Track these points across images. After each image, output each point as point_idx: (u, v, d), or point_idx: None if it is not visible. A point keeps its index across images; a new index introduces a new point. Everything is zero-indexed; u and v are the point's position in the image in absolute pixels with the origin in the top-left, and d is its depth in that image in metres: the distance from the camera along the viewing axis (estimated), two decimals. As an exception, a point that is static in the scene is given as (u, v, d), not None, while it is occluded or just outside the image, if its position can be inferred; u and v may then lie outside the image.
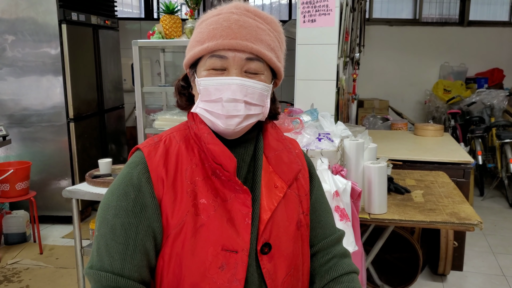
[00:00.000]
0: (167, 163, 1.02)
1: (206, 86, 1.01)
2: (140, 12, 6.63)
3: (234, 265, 0.99)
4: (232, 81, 0.99)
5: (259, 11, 1.05)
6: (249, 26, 1.01)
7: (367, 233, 2.62)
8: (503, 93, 5.64)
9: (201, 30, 1.04)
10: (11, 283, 3.19)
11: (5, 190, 3.64)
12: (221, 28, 0.99)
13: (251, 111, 1.02)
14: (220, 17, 1.01)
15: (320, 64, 2.82)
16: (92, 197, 2.49)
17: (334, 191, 1.87)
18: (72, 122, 4.17)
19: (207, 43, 1.00)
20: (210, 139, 1.03)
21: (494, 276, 3.29)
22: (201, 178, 1.02)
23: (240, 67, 1.00)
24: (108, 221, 0.99)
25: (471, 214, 2.06)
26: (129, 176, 1.01)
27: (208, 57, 1.01)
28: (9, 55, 4.06)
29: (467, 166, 3.02)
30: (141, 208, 0.98)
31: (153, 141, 1.06)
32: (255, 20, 1.02)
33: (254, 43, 1.00)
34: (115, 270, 0.96)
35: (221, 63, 1.00)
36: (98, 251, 0.99)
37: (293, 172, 1.12)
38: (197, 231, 0.98)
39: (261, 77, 1.03)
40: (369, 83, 6.34)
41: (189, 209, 0.99)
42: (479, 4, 6.46)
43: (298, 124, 2.26)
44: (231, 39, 0.99)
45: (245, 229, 1.01)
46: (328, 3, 2.73)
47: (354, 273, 1.17)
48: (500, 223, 4.30)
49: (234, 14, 1.01)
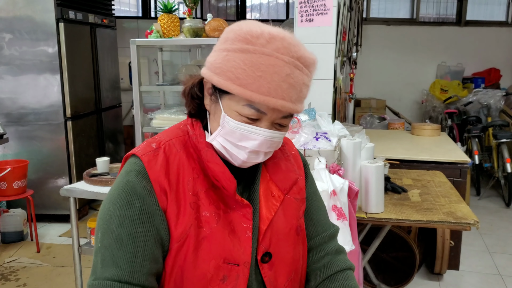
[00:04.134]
0: (169, 174, 0.98)
1: (234, 129, 0.96)
2: (137, 11, 6.62)
3: (236, 277, 0.98)
4: (262, 132, 0.95)
5: (307, 57, 0.95)
6: (297, 85, 0.93)
7: (364, 232, 2.62)
8: (499, 93, 5.66)
9: (244, 66, 0.91)
10: (8, 282, 3.19)
11: (2, 188, 3.63)
12: (271, 82, 0.90)
13: (266, 158, 1.02)
14: (272, 63, 0.90)
15: (317, 64, 2.81)
16: (89, 196, 2.49)
17: (331, 190, 1.88)
18: (69, 121, 4.17)
19: (251, 92, 0.90)
20: (210, 157, 1.00)
21: (490, 276, 3.30)
22: (203, 190, 0.99)
23: (273, 121, 0.96)
24: (113, 232, 0.94)
25: (467, 214, 2.07)
26: (131, 185, 0.96)
27: (245, 104, 0.93)
28: (7, 53, 4.05)
29: (464, 165, 3.03)
30: (148, 216, 0.95)
31: (151, 148, 1.01)
32: (303, 73, 0.94)
33: (296, 104, 0.94)
34: (122, 279, 0.92)
35: (257, 115, 0.94)
36: (103, 262, 0.94)
37: (290, 181, 1.11)
38: (199, 243, 0.97)
39: (286, 128, 1.00)
40: (366, 83, 6.35)
41: (192, 222, 0.97)
42: (476, 4, 6.48)
43: (296, 124, 2.26)
44: (279, 99, 0.91)
45: (247, 242, 1.00)
46: (325, 3, 2.73)
47: (349, 269, 1.15)
48: (496, 222, 4.32)
49: (287, 65, 0.91)
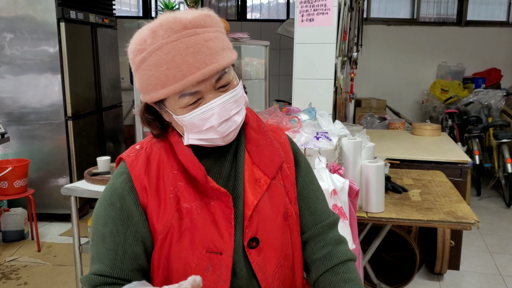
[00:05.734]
0: (149, 171, 1.03)
1: (191, 121, 0.98)
2: (138, 11, 6.63)
3: (219, 267, 1.00)
4: (214, 105, 0.96)
5: (193, 18, 0.93)
6: (200, 47, 0.91)
7: (364, 231, 2.63)
8: (500, 93, 5.66)
9: (151, 73, 0.93)
10: (9, 280, 3.19)
11: (3, 187, 3.64)
12: (176, 65, 0.91)
13: (240, 117, 1.02)
14: (164, 51, 0.91)
15: (318, 63, 2.83)
16: (90, 195, 2.50)
17: (332, 190, 1.88)
18: (70, 120, 4.17)
19: (172, 86, 0.92)
20: (179, 149, 1.04)
21: (490, 276, 3.30)
22: (183, 183, 1.03)
23: (213, 88, 0.96)
24: (99, 230, 1.03)
25: (468, 213, 2.08)
26: (114, 186, 1.04)
27: (179, 97, 0.95)
28: (8, 53, 4.06)
29: (464, 165, 3.03)
30: (127, 216, 1.01)
31: (134, 150, 1.08)
32: (198, 34, 0.92)
33: (215, 61, 0.93)
34: (104, 273, 1.00)
35: (195, 97, 0.95)
36: (92, 258, 1.03)
37: (275, 165, 1.09)
38: (182, 235, 1.01)
39: (232, 83, 1.00)
40: (366, 83, 6.35)
41: (173, 214, 1.01)
42: (476, 4, 6.47)
43: (296, 123, 2.26)
44: (194, 72, 0.91)
45: (228, 231, 1.02)
46: (326, 2, 2.74)
47: (350, 260, 1.13)
48: (497, 223, 4.32)
49: (177, 42, 0.91)
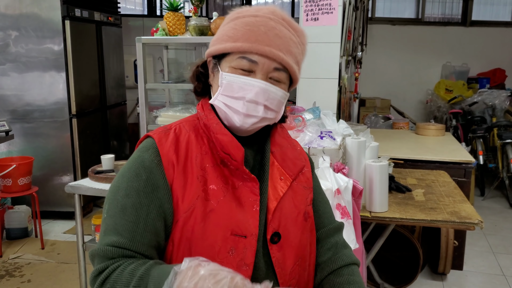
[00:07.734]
0: (178, 149, 1.04)
1: (231, 82, 1.03)
2: (143, 9, 6.64)
3: (243, 250, 1.00)
4: (257, 83, 1.02)
5: (293, 22, 1.08)
6: (284, 37, 1.03)
7: (368, 231, 2.62)
8: (505, 93, 5.64)
9: (235, 27, 1.04)
10: (12, 278, 3.21)
11: (7, 185, 3.65)
12: (258, 32, 1.01)
13: (268, 115, 1.06)
14: (258, 20, 1.03)
15: (322, 63, 2.82)
16: (94, 193, 2.50)
17: (336, 189, 1.88)
18: (74, 118, 4.18)
19: (241, 43, 1.01)
20: (218, 129, 1.05)
21: (494, 276, 3.30)
22: (211, 165, 1.04)
23: (267, 73, 1.03)
24: (118, 202, 0.99)
25: (471, 213, 2.07)
26: (140, 159, 1.02)
27: (238, 56, 1.03)
28: (13, 50, 4.07)
29: (468, 166, 3.02)
30: (153, 188, 0.99)
31: (163, 129, 1.08)
32: (289, 31, 1.05)
33: (285, 55, 1.03)
34: (122, 245, 0.95)
35: (249, 66, 1.02)
36: (106, 231, 0.98)
37: (297, 167, 1.16)
38: (206, 216, 1.00)
39: (282, 86, 1.07)
40: (371, 82, 6.34)
41: (199, 194, 1.01)
42: (481, 4, 6.46)
43: (300, 122, 2.27)
44: (266, 45, 1.01)
45: (254, 215, 1.03)
46: (331, 2, 2.74)
47: (354, 264, 1.17)
48: (500, 223, 4.31)
49: (272, 21, 1.03)
